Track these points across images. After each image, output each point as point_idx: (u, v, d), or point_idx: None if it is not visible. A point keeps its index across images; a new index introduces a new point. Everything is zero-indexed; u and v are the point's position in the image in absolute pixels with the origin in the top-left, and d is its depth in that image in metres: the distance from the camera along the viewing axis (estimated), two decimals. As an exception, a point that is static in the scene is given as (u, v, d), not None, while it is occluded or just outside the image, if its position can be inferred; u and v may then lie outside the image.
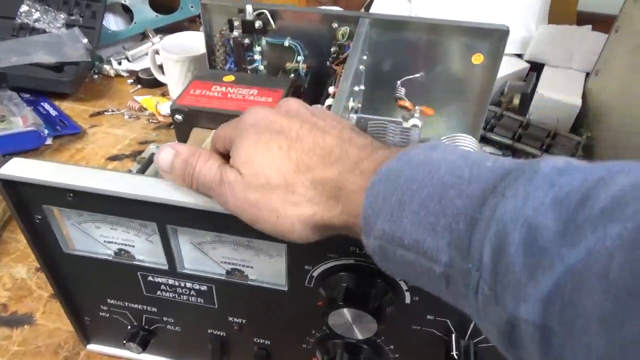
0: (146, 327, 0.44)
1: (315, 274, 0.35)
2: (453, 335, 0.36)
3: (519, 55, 0.89)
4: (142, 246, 0.38)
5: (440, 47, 0.61)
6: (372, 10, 1.00)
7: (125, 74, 0.91)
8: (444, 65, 0.62)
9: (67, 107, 0.83)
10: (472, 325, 0.35)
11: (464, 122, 0.66)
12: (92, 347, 0.49)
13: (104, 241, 0.39)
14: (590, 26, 0.86)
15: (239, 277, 0.38)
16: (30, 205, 0.36)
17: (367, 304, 0.33)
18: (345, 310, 0.33)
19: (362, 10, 1.01)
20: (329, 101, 0.44)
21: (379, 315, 0.33)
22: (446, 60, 0.62)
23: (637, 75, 0.65)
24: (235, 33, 0.62)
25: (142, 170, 0.49)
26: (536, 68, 0.86)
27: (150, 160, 0.49)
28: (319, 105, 0.54)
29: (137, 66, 0.91)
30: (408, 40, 0.61)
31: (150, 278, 0.39)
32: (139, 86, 0.88)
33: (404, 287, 0.34)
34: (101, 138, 0.77)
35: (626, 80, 0.69)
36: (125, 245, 0.39)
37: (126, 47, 0.96)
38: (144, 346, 0.44)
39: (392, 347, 0.39)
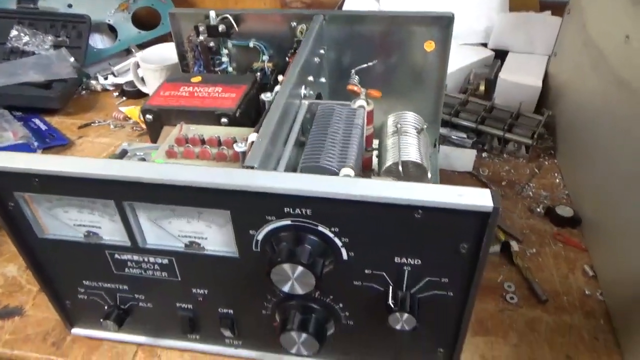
0: (121, 305, 0.48)
1: (260, 237, 0.38)
2: (390, 287, 0.39)
3: (484, 45, 0.93)
4: (107, 226, 0.42)
5: (394, 37, 0.65)
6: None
7: (111, 88, 0.97)
8: (401, 54, 0.66)
9: (57, 121, 0.88)
10: (406, 277, 0.39)
11: (425, 107, 0.70)
12: (76, 330, 0.52)
13: (74, 224, 0.43)
14: (549, 12, 0.89)
15: (196, 248, 0.42)
16: (2, 192, 0.40)
17: (303, 259, 0.36)
18: (285, 266, 0.36)
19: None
20: (277, 88, 0.48)
21: (315, 270, 0.36)
22: (402, 49, 0.66)
23: (586, 52, 0.69)
24: (201, 38, 0.67)
25: (114, 165, 0.53)
26: (501, 55, 0.90)
27: (121, 155, 0.53)
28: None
29: (122, 80, 0.97)
30: (364, 33, 0.65)
31: (117, 256, 0.43)
32: (124, 98, 0.93)
33: (339, 244, 0.38)
34: (88, 147, 0.82)
35: (577, 58, 0.72)
36: (93, 227, 0.43)
37: (112, 63, 1.01)
38: (120, 323, 0.48)
39: (340, 305, 0.42)
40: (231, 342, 0.49)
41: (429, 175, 0.47)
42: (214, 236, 0.41)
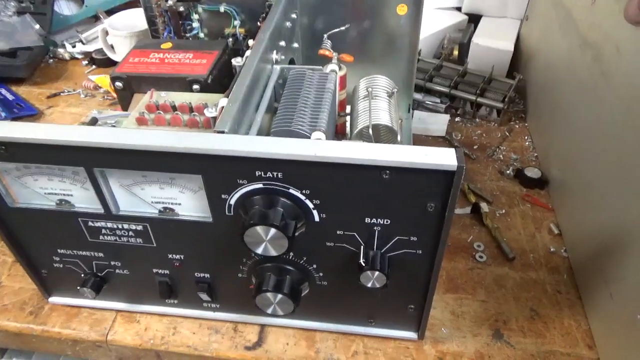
0: (98, 273, 0.48)
1: (232, 201, 0.39)
2: (362, 246, 0.40)
3: (459, 9, 0.92)
4: (79, 194, 0.42)
5: (366, 0, 0.64)
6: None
7: (79, 56, 0.94)
8: (373, 18, 0.66)
9: (24, 91, 0.86)
10: (376, 237, 0.40)
11: (399, 72, 0.70)
12: (53, 299, 0.53)
13: (45, 193, 0.43)
14: (522, -25, 0.89)
15: (170, 214, 0.42)
16: (-31, 161, 0.39)
17: (275, 221, 0.37)
18: (258, 229, 0.37)
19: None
20: (247, 52, 0.48)
21: (287, 231, 0.37)
22: (375, 13, 0.65)
23: (555, 14, 0.69)
24: (170, 2, 0.65)
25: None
26: (475, 19, 0.90)
27: (91, 123, 0.52)
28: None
29: (91, 48, 0.94)
30: (336, -3, 0.65)
31: (90, 223, 0.43)
32: (94, 66, 0.91)
33: (311, 206, 0.38)
34: (58, 117, 0.80)
35: (547, 22, 0.73)
36: (65, 195, 0.42)
37: (79, 30, 0.98)
38: (97, 290, 0.48)
39: (314, 266, 0.43)
40: (209, 305, 0.50)
41: (399, 138, 0.48)
42: (187, 201, 0.41)
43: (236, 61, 0.50)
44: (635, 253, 0.44)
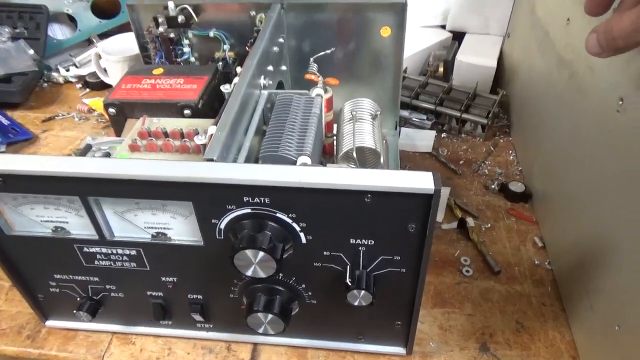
0: (93, 297, 0.50)
1: (222, 226, 0.40)
2: (348, 266, 0.42)
3: (443, 27, 0.95)
4: (74, 221, 0.43)
5: (351, 24, 0.67)
6: None
7: (73, 80, 0.96)
8: (359, 40, 0.68)
9: (19, 115, 0.87)
10: (362, 257, 0.41)
11: (384, 91, 0.72)
12: (50, 323, 0.54)
13: (41, 221, 0.44)
14: (504, -7, 0.92)
15: (163, 239, 0.43)
16: (-33, 192, 0.41)
17: (263, 244, 0.38)
18: (247, 252, 0.39)
19: None
20: (235, 79, 0.50)
21: (275, 254, 0.38)
22: (359, 36, 0.68)
23: (534, 33, 0.72)
24: (161, 29, 0.67)
25: (78, 160, 0.54)
26: (459, 37, 0.92)
27: (85, 150, 0.54)
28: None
29: (84, 71, 0.96)
30: (323, 21, 0.67)
31: (85, 249, 0.45)
32: (87, 90, 0.93)
33: (298, 229, 0.40)
34: (53, 141, 0.82)
35: (527, 39, 0.75)
36: (60, 222, 0.44)
37: (73, 54, 1.00)
38: (93, 314, 0.49)
39: (303, 285, 0.45)
40: (202, 325, 0.51)
41: (382, 160, 0.50)
42: (179, 226, 0.43)
43: (225, 88, 0.51)
44: (612, 265, 0.45)
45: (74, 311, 0.49)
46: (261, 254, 0.38)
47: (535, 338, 0.52)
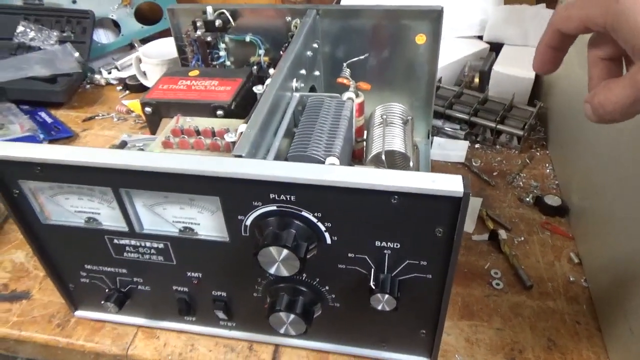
0: (121, 289, 0.50)
1: (248, 222, 0.41)
2: (372, 269, 0.41)
3: (480, 38, 0.94)
4: (106, 212, 0.44)
5: (386, 30, 0.67)
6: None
7: (114, 82, 0.99)
8: (393, 47, 0.68)
9: (62, 114, 0.91)
10: (387, 260, 0.41)
11: (418, 99, 0.71)
12: (79, 313, 0.55)
13: (75, 211, 0.45)
14: (544, 4, 0.90)
15: (190, 233, 0.44)
16: (7, 180, 0.42)
17: (287, 242, 0.38)
18: (271, 249, 0.38)
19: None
20: (268, 81, 0.50)
21: (298, 252, 0.38)
22: (394, 43, 0.67)
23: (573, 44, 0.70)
24: (199, 32, 0.69)
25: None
26: (497, 48, 0.91)
27: (121, 146, 0.55)
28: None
29: (125, 74, 0.99)
30: (358, 27, 0.67)
31: (115, 241, 0.46)
32: (127, 92, 0.96)
33: (323, 228, 0.40)
34: (92, 139, 0.84)
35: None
36: (93, 213, 0.45)
37: (115, 57, 1.04)
38: (120, 305, 0.50)
39: (327, 287, 0.44)
40: (225, 324, 0.51)
41: (411, 164, 0.49)
42: (205, 222, 0.43)
43: (257, 89, 0.52)
44: (652, 284, 0.43)
45: (102, 302, 0.50)
46: (285, 251, 0.38)
47: (568, 357, 0.50)
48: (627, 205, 0.49)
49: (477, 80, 0.87)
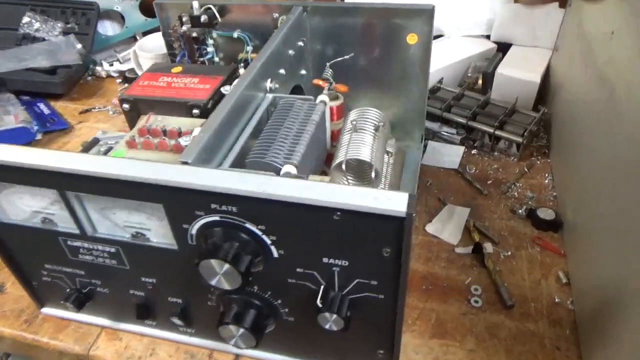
0: (81, 289, 0.50)
1: (193, 231, 0.39)
2: (322, 286, 0.39)
3: (488, 37, 0.89)
4: (60, 214, 0.44)
5: (376, 29, 0.64)
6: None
7: (115, 75, 0.99)
8: (384, 47, 0.65)
9: (61, 106, 0.91)
10: (336, 278, 0.38)
11: (410, 101, 0.68)
12: (45, 310, 0.55)
13: (31, 211, 0.45)
14: (557, 3, 0.85)
15: (141, 239, 0.43)
16: (-40, 178, 0.42)
17: (227, 256, 0.36)
18: (212, 262, 0.37)
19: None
20: (236, 81, 0.48)
21: (238, 266, 0.36)
22: (385, 42, 0.64)
23: (579, 47, 0.65)
24: (185, 28, 0.67)
25: (84, 151, 0.55)
26: (505, 48, 0.86)
27: (92, 143, 0.55)
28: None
29: (126, 67, 0.99)
30: (347, 25, 0.64)
31: (69, 242, 0.45)
32: (126, 84, 0.96)
33: (268, 241, 0.38)
34: (86, 132, 0.84)
35: (573, 53, 0.68)
36: (48, 214, 0.44)
37: (118, 50, 1.04)
38: (79, 306, 0.49)
39: (279, 301, 0.43)
40: (185, 330, 0.50)
41: (372, 175, 0.46)
42: (155, 228, 0.42)
43: (225, 89, 0.50)
44: (630, 316, 0.39)
45: (61, 302, 0.49)
46: (226, 265, 0.36)
47: (542, 386, 0.47)
48: (621, 224, 0.45)
49: (480, 82, 0.83)
